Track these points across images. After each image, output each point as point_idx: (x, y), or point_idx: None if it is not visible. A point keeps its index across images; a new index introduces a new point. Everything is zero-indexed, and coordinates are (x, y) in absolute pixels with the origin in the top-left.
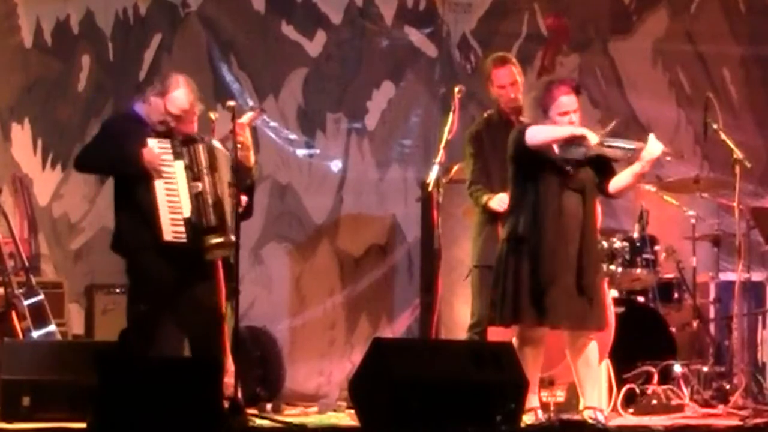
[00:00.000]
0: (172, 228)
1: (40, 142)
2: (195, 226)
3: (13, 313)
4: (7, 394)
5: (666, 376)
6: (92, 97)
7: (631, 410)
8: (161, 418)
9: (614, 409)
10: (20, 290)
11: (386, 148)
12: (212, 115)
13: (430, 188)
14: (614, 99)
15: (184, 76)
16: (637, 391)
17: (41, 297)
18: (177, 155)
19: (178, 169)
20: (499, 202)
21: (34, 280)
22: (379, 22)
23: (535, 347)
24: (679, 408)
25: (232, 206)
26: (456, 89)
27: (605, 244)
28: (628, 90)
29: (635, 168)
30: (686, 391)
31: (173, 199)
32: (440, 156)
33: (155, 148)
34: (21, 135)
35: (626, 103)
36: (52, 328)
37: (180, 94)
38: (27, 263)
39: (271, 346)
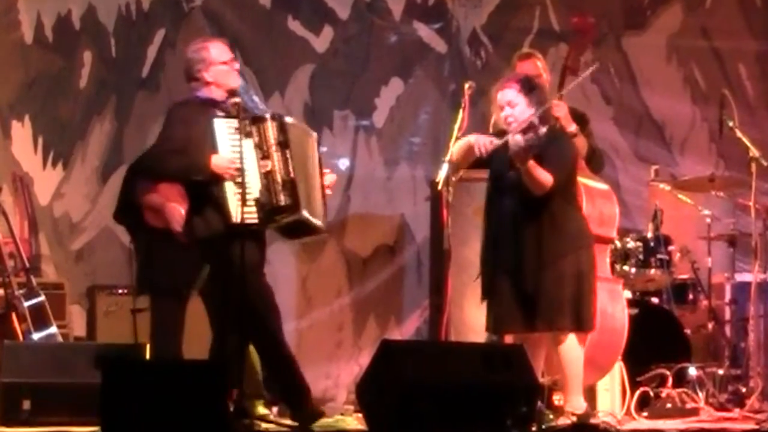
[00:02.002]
0: (241, 209)
1: (40, 140)
2: (264, 206)
3: (14, 315)
4: (7, 397)
5: (681, 379)
6: (94, 93)
7: (645, 414)
8: (166, 421)
9: (628, 412)
10: (20, 291)
11: (395, 146)
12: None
13: (439, 187)
14: (628, 96)
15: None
16: (651, 394)
17: (42, 298)
18: (246, 134)
19: (246, 148)
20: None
21: (34, 280)
22: (388, 17)
23: (529, 352)
24: (694, 412)
25: (312, 182)
26: (466, 86)
27: (618, 244)
28: (641, 86)
29: None
30: (701, 395)
31: (243, 180)
32: (450, 154)
33: (223, 127)
34: (21, 133)
35: (640, 100)
36: (53, 330)
37: (215, 45)
38: (27, 264)
39: None
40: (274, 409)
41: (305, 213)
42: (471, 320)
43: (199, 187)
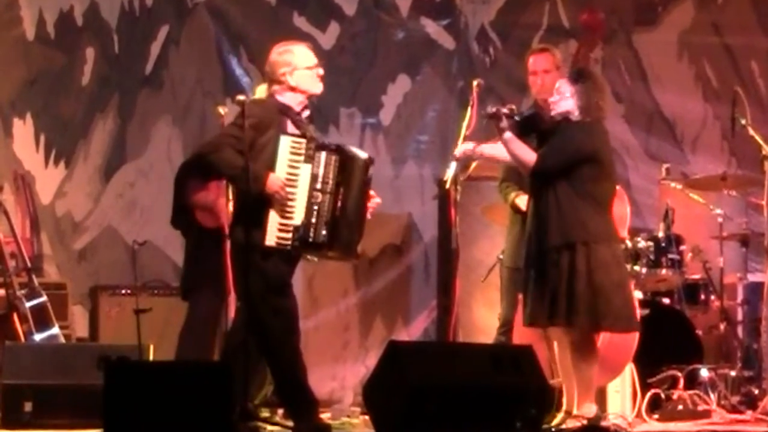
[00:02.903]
0: (278, 233)
1: (42, 138)
2: (301, 237)
3: (15, 316)
4: (8, 399)
5: (692, 381)
6: (97, 91)
7: (656, 416)
8: (169, 424)
9: (638, 415)
10: (22, 291)
11: (402, 144)
12: (221, 110)
13: (447, 186)
14: (638, 93)
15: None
16: (663, 396)
17: (44, 299)
18: (307, 158)
19: (303, 172)
20: (526, 201)
21: (36, 281)
22: (395, 13)
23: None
24: (706, 414)
25: (356, 217)
26: (474, 83)
27: (629, 243)
28: (652, 84)
29: None
30: (713, 397)
31: (289, 203)
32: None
33: (287, 146)
34: (23, 130)
35: (651, 98)
36: (55, 330)
37: (301, 49)
38: (29, 263)
39: None
40: (280, 411)
41: (335, 254)
42: (479, 321)
43: (246, 194)
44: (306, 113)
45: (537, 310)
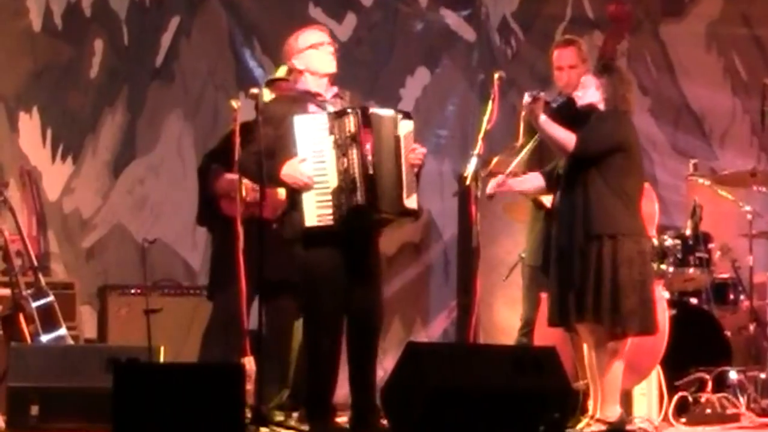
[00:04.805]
0: (317, 211)
1: (49, 133)
2: (340, 207)
3: (21, 316)
4: (14, 402)
5: (721, 384)
6: (105, 84)
7: (683, 420)
8: (180, 428)
9: (665, 418)
10: (28, 291)
11: (421, 138)
12: (234, 104)
13: (467, 182)
14: (665, 86)
15: None
16: (690, 399)
17: (51, 298)
18: (330, 130)
19: (327, 145)
20: (549, 198)
21: (43, 280)
22: (413, 3)
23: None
24: (735, 417)
25: (396, 170)
26: (496, 76)
27: (656, 242)
28: (680, 76)
29: None
30: (742, 400)
31: (321, 179)
32: (479, 147)
33: (304, 125)
34: (29, 125)
35: (678, 91)
36: (62, 331)
37: (302, 32)
38: (36, 262)
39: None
40: (294, 415)
41: (384, 214)
42: (500, 321)
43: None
44: (331, 92)
45: (564, 308)
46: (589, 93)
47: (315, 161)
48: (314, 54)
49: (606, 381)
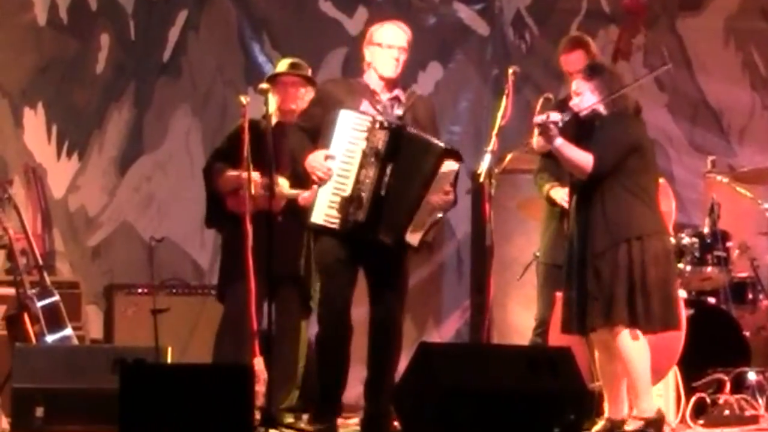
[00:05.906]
0: (326, 211)
1: (54, 129)
2: (344, 215)
3: (26, 316)
4: (19, 404)
5: (739, 385)
6: (112, 79)
7: (701, 422)
8: (187, 429)
9: (683, 420)
10: (33, 291)
11: None
12: (243, 99)
13: (481, 179)
14: (682, 81)
15: None
16: (708, 400)
17: (56, 298)
18: (368, 136)
19: (358, 150)
20: (562, 195)
21: (48, 279)
22: None
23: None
24: (754, 419)
25: (406, 203)
26: (510, 71)
27: (673, 240)
28: (697, 72)
29: None
30: (761, 401)
31: (341, 180)
32: (492, 144)
33: (347, 121)
34: (34, 121)
35: (695, 86)
36: (67, 332)
37: (384, 25)
38: (41, 261)
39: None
40: (305, 417)
41: (381, 237)
42: (514, 321)
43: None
44: (388, 95)
45: (584, 316)
46: (586, 98)
47: (343, 160)
48: (379, 52)
49: (636, 377)
